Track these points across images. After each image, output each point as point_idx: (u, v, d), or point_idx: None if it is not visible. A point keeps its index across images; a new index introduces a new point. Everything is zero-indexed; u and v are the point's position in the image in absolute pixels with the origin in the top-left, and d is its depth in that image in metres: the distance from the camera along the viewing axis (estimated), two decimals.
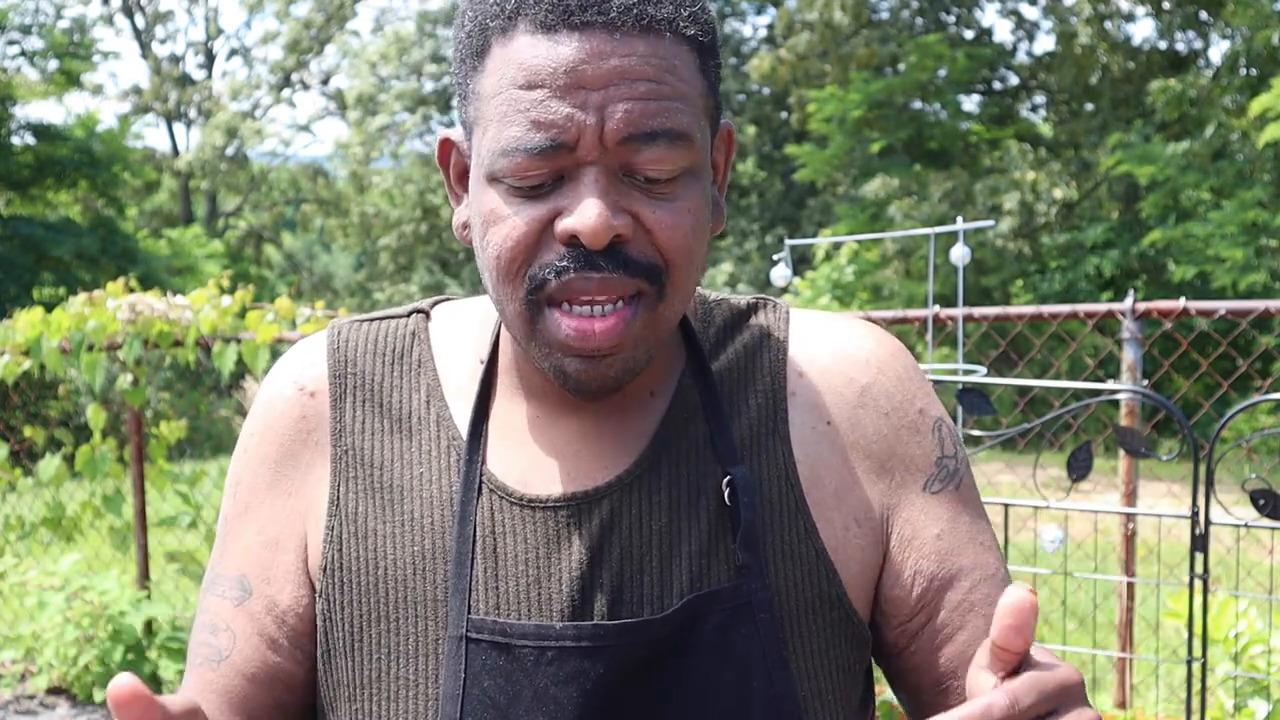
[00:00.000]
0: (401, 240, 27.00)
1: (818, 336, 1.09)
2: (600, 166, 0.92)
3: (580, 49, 0.91)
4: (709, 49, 0.97)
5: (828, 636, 1.02)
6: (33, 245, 20.36)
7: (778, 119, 23.91)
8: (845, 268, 11.64)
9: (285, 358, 1.12)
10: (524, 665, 0.97)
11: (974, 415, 2.62)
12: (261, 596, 1.06)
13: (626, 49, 0.91)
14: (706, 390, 1.05)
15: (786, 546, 1.02)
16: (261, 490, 1.08)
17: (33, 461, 5.92)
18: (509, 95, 0.92)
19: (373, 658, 1.01)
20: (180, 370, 10.65)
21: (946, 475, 1.07)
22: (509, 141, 0.92)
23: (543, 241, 0.94)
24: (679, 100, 0.93)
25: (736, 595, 0.99)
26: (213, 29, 32.52)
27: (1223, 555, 4.62)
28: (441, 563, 1.01)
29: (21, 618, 5.76)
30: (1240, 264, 13.66)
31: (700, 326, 1.09)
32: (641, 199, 0.94)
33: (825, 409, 1.06)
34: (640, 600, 0.99)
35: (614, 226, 0.92)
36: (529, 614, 0.98)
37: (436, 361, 1.08)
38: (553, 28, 0.91)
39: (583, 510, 1.01)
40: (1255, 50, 15.40)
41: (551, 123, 0.91)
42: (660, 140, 0.92)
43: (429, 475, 1.03)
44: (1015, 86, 21.92)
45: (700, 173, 0.97)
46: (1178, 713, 3.83)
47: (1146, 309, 3.59)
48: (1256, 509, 2.42)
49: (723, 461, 1.02)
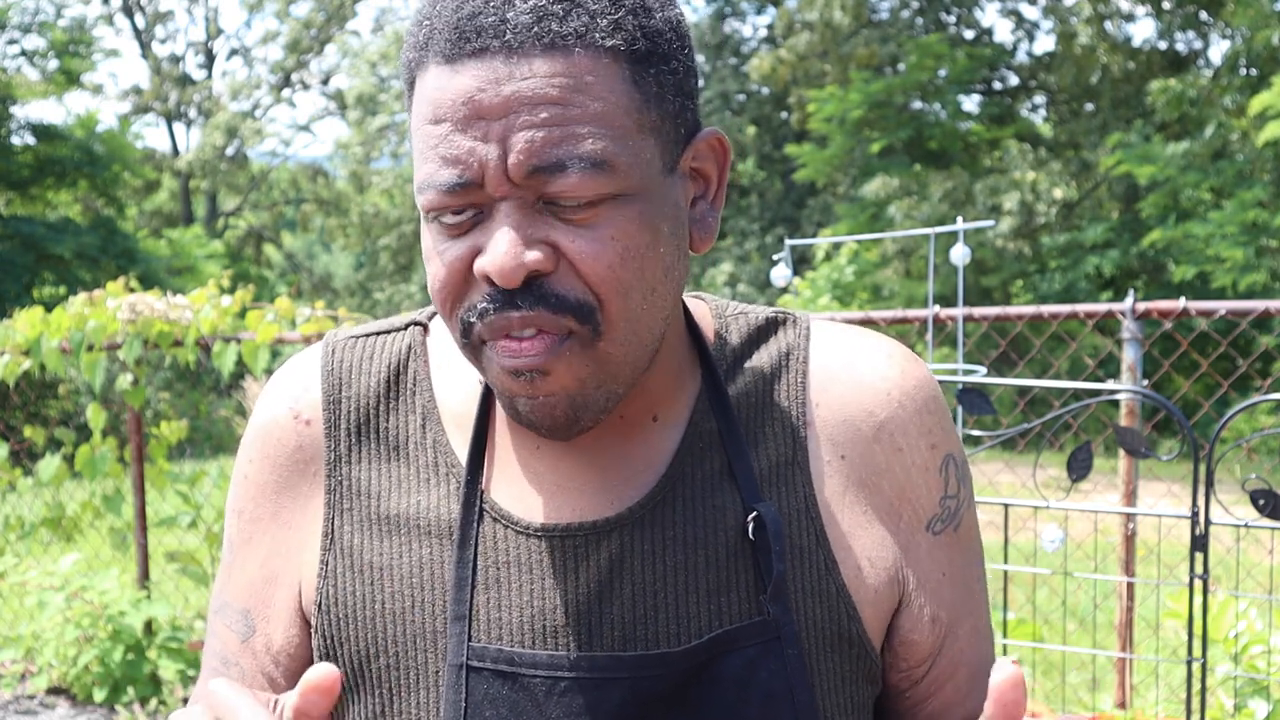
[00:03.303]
0: (401, 240, 27.01)
1: (839, 361, 1.04)
2: (512, 200, 0.87)
3: (477, 77, 0.86)
4: (644, 57, 0.88)
5: (845, 674, 1.00)
6: (33, 245, 20.37)
7: (778, 119, 23.91)
8: (845, 268, 11.65)
9: (280, 376, 1.09)
10: (534, 696, 0.93)
11: (974, 415, 2.62)
12: (262, 634, 1.05)
13: (525, 71, 0.85)
14: (724, 417, 1.00)
15: (808, 584, 0.98)
16: (265, 521, 1.05)
17: (33, 461, 5.93)
18: (422, 132, 0.89)
19: (375, 693, 0.98)
20: (180, 370, 10.65)
21: (948, 516, 1.04)
22: (423, 178, 0.89)
23: (468, 281, 0.90)
24: (590, 123, 0.86)
25: (763, 631, 0.96)
26: (213, 29, 32.53)
27: (1223, 555, 4.62)
28: (441, 594, 0.97)
29: (21, 618, 5.76)
30: (1240, 264, 13.67)
31: (716, 344, 1.04)
32: (561, 229, 0.88)
33: (841, 442, 1.02)
34: (657, 635, 0.95)
35: (525, 264, 0.86)
36: (535, 644, 0.94)
37: (433, 380, 1.04)
38: (453, 58, 0.87)
39: (592, 542, 0.96)
40: (1255, 50, 15.41)
41: (455, 159, 0.87)
42: (571, 170, 0.85)
43: (427, 503, 1.00)
44: (1015, 86, 21.92)
45: (635, 196, 0.88)
46: (1178, 713, 3.83)
47: (1146, 309, 3.58)
48: (1256, 509, 2.42)
49: (744, 495, 0.98)
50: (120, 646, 5.11)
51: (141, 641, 5.18)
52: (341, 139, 28.63)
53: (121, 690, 5.12)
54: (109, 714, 5.07)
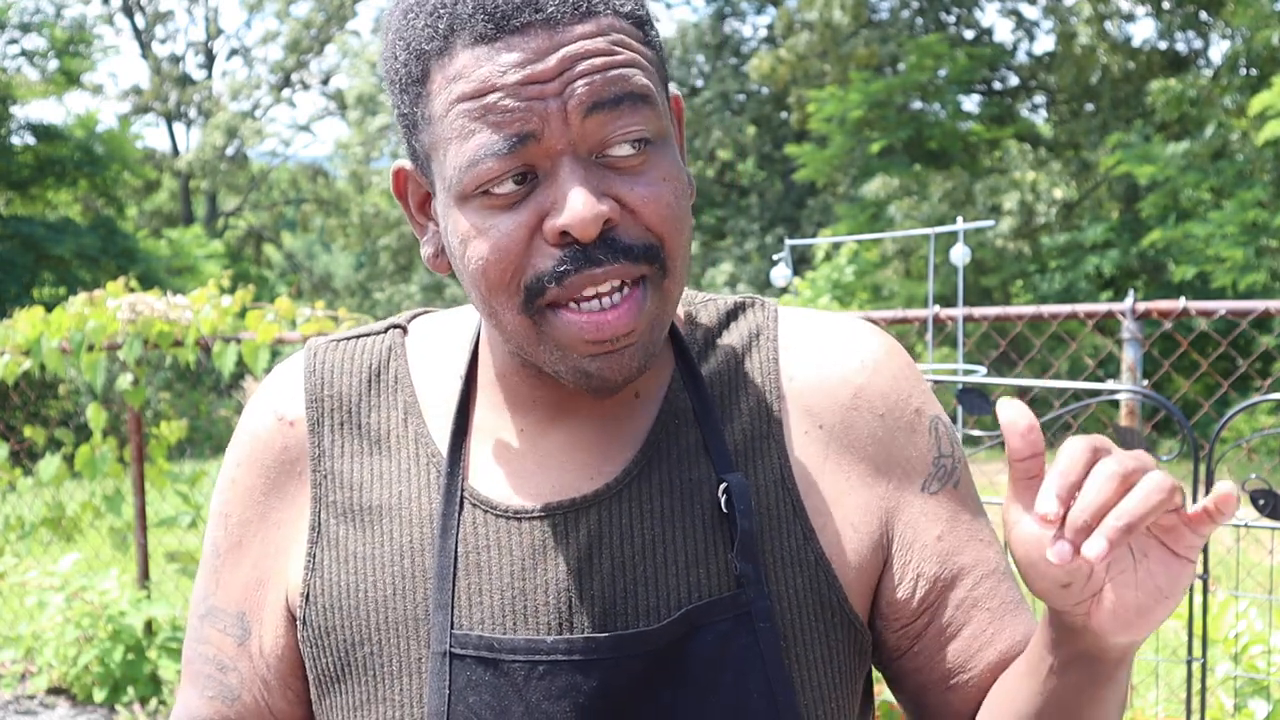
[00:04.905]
0: (401, 240, 27.00)
1: (808, 336, 1.07)
2: (571, 155, 0.90)
3: (525, 49, 0.90)
4: (646, 21, 0.97)
5: (829, 643, 1.01)
6: (33, 245, 20.37)
7: (778, 119, 23.90)
8: (845, 268, 11.64)
9: (265, 384, 1.12)
10: (514, 681, 0.95)
11: (974, 415, 2.62)
12: (257, 637, 1.07)
13: (569, 37, 0.90)
14: (697, 395, 1.03)
15: (785, 553, 1.00)
16: (254, 524, 1.07)
17: (33, 461, 5.93)
18: (462, 109, 0.90)
19: (361, 681, 1.00)
20: (180, 370, 10.65)
21: (944, 475, 1.05)
22: (473, 151, 0.90)
23: (533, 248, 0.92)
24: (634, 66, 0.92)
25: (735, 605, 0.97)
26: (213, 29, 32.52)
27: (1223, 555, 4.61)
28: (423, 582, 0.99)
29: (21, 618, 5.76)
30: (1240, 264, 13.66)
31: (687, 329, 1.07)
32: (618, 180, 0.92)
33: (818, 412, 1.04)
34: (634, 612, 0.97)
35: (601, 213, 0.90)
36: (515, 628, 0.96)
37: (414, 377, 1.07)
38: (492, 37, 0.90)
39: (569, 520, 0.98)
40: (1255, 50, 15.41)
41: (511, 119, 0.89)
42: (625, 104, 0.91)
43: (409, 494, 1.02)
44: (1015, 86, 21.92)
45: (668, 139, 0.95)
46: (1178, 713, 3.83)
47: (1146, 309, 3.58)
48: (1256, 509, 2.42)
49: (717, 468, 1.00)
50: (120, 646, 5.11)
51: (141, 641, 5.18)
52: (341, 139, 28.61)
53: (121, 690, 5.12)
54: (109, 714, 5.07)
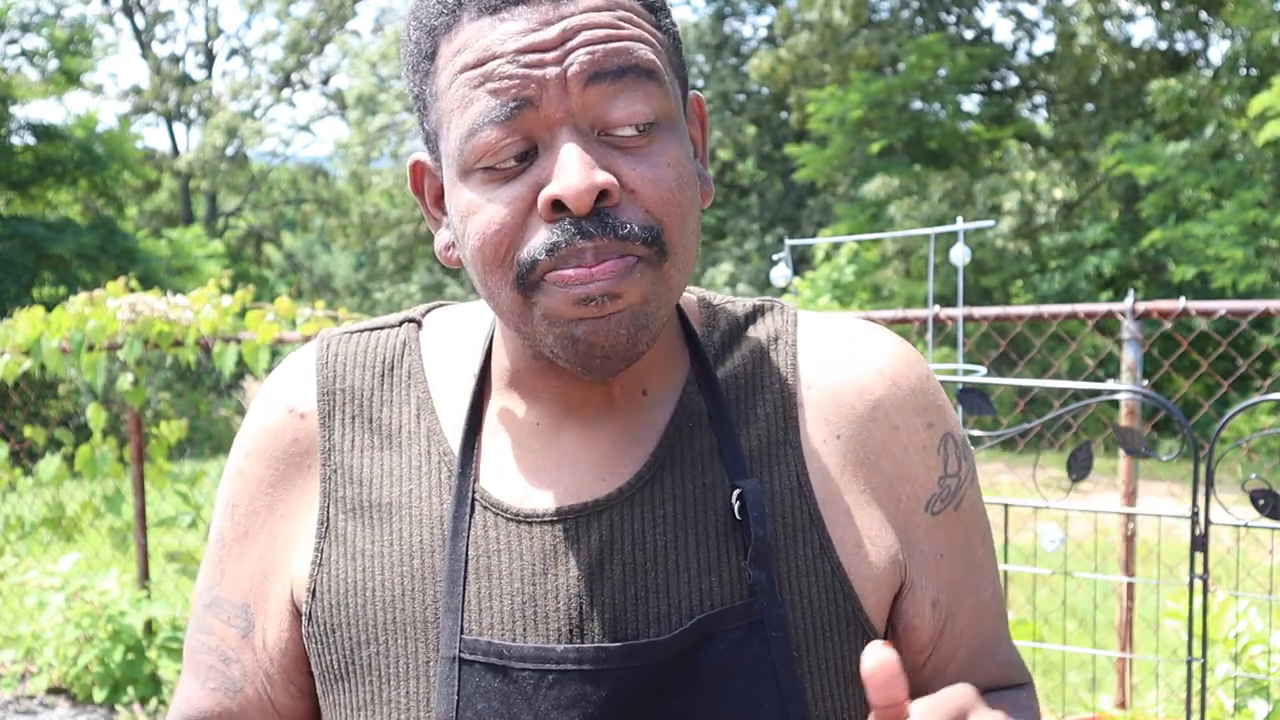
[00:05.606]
0: (401, 240, 27.00)
1: (828, 343, 1.04)
2: (571, 126, 0.88)
3: (529, 19, 0.89)
4: (660, 6, 0.95)
5: (844, 654, 0.98)
6: (33, 245, 20.38)
7: (778, 119, 23.90)
8: (845, 268, 11.64)
9: (277, 373, 1.10)
10: (523, 689, 0.93)
11: (974, 415, 2.62)
12: (260, 629, 1.05)
13: (574, 9, 0.89)
14: (713, 398, 1.00)
15: (801, 562, 0.97)
16: (262, 514, 1.05)
17: (33, 461, 5.93)
18: (463, 79, 0.90)
19: (366, 680, 0.98)
20: (180, 370, 10.65)
21: (947, 495, 1.03)
22: (473, 119, 0.89)
23: (528, 224, 0.89)
24: (640, 41, 0.90)
25: (748, 614, 0.94)
26: (213, 29, 32.52)
27: (1223, 555, 4.61)
28: (431, 583, 0.97)
29: (21, 618, 5.76)
30: (1240, 264, 13.66)
31: (704, 331, 1.05)
32: (620, 158, 0.89)
33: (836, 422, 1.01)
34: (645, 619, 0.94)
35: (597, 184, 0.87)
36: (525, 635, 0.94)
37: (428, 373, 1.05)
38: (497, 9, 0.89)
39: (581, 525, 0.96)
40: (1255, 50, 15.41)
41: (510, 86, 0.88)
42: (628, 76, 0.89)
43: (419, 492, 1.00)
44: (1015, 86, 21.92)
45: (676, 125, 0.92)
46: (1178, 713, 3.83)
47: (1146, 309, 3.58)
48: (1256, 509, 2.42)
49: (731, 474, 0.97)
50: (120, 646, 5.11)
51: (141, 641, 5.18)
52: (341, 139, 28.61)
53: (121, 690, 5.12)
54: (109, 714, 5.07)
